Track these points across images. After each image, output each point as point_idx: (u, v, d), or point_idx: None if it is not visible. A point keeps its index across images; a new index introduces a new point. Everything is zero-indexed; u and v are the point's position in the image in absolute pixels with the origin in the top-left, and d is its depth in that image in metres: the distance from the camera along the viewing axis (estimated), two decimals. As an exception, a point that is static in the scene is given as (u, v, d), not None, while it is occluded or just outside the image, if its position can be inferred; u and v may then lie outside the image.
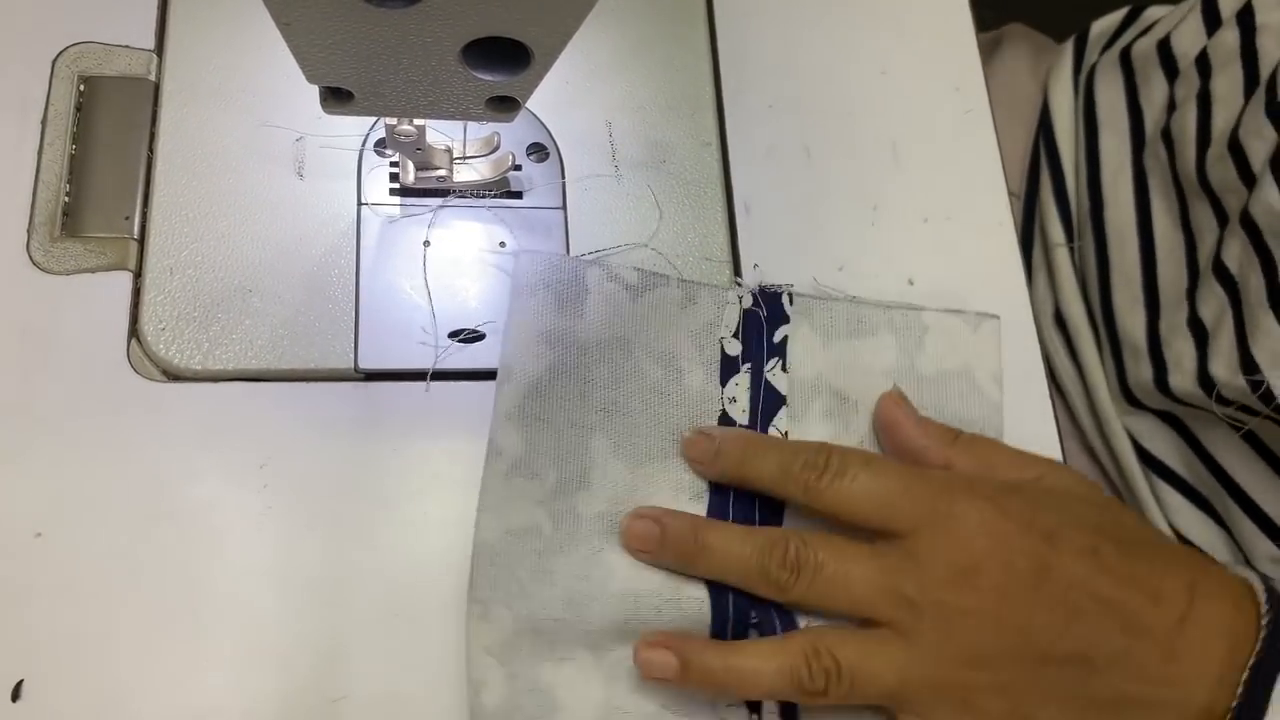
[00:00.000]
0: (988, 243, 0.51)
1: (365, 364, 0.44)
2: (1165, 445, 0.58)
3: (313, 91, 0.36)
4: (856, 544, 0.40)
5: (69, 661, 0.39)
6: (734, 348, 0.46)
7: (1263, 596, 0.39)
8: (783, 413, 0.45)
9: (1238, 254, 0.51)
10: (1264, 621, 0.38)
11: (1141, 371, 0.57)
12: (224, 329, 0.43)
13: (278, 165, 0.46)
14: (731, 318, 0.46)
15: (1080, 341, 0.62)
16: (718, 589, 0.41)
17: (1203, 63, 0.57)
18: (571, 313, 0.44)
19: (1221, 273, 0.52)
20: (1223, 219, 0.54)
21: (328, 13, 0.30)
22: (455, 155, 0.45)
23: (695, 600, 0.41)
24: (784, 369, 0.46)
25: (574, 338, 0.44)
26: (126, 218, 0.45)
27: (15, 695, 0.38)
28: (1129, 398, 0.59)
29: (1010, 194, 0.63)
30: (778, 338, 0.46)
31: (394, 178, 0.47)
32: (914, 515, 0.40)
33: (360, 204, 0.46)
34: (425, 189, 0.47)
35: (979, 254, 0.51)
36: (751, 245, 0.49)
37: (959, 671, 0.39)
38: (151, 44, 0.48)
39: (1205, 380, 0.51)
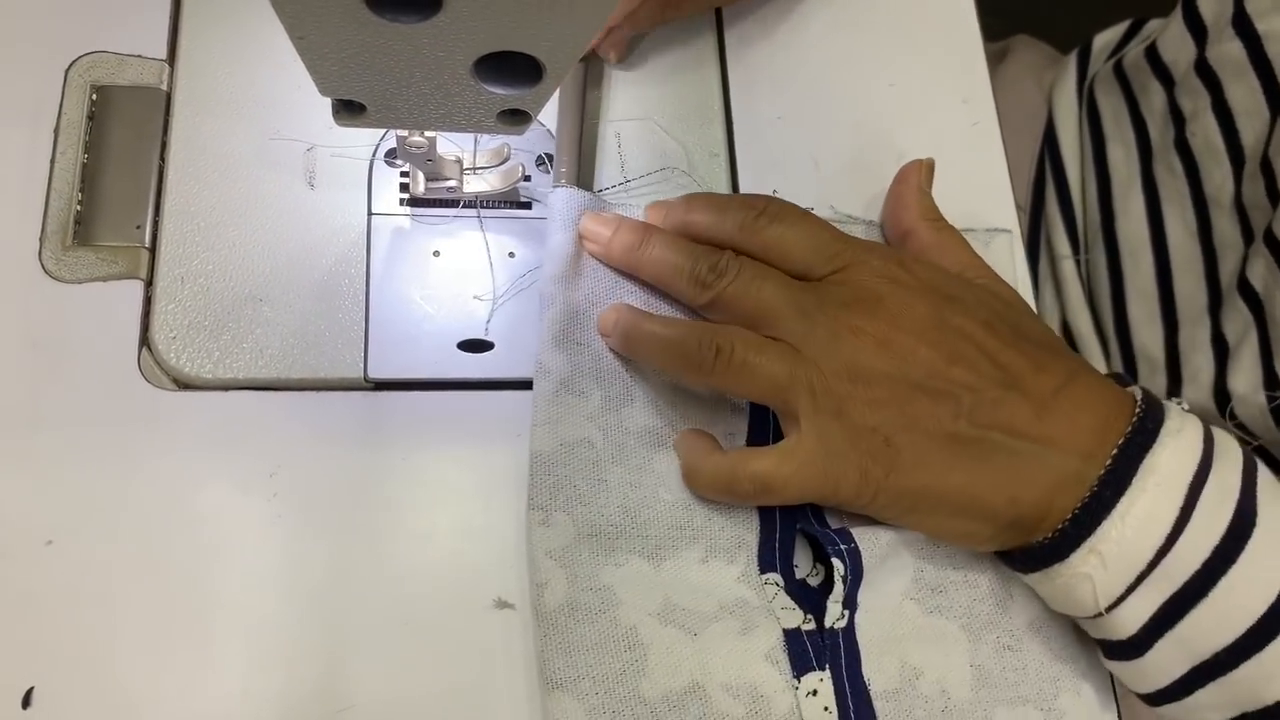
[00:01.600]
0: (994, 255, 0.51)
1: (375, 373, 0.44)
2: None
3: (323, 101, 0.36)
4: (778, 271, 0.43)
5: (78, 669, 0.39)
6: None
7: (1139, 393, 0.41)
8: None
9: (1262, 272, 0.52)
10: (1139, 409, 0.40)
11: (1155, 384, 0.57)
12: (234, 338, 0.44)
13: (289, 175, 0.47)
14: None
15: (1087, 354, 0.62)
16: None
17: (1205, 72, 0.57)
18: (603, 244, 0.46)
19: (1246, 290, 0.52)
20: (1248, 236, 0.54)
21: (342, 27, 0.30)
22: (465, 166, 0.45)
23: (743, 509, 0.44)
24: None
25: (605, 273, 0.45)
26: (138, 227, 0.45)
27: (25, 702, 0.38)
28: None
29: (1016, 206, 0.63)
30: None
31: (404, 188, 0.47)
32: (836, 262, 0.43)
33: (370, 214, 0.47)
34: (435, 199, 0.47)
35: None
36: (759, 256, 0.49)
37: (838, 381, 0.40)
38: (164, 54, 0.48)
39: (1221, 394, 0.51)
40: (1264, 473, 0.40)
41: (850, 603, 0.42)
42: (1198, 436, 0.40)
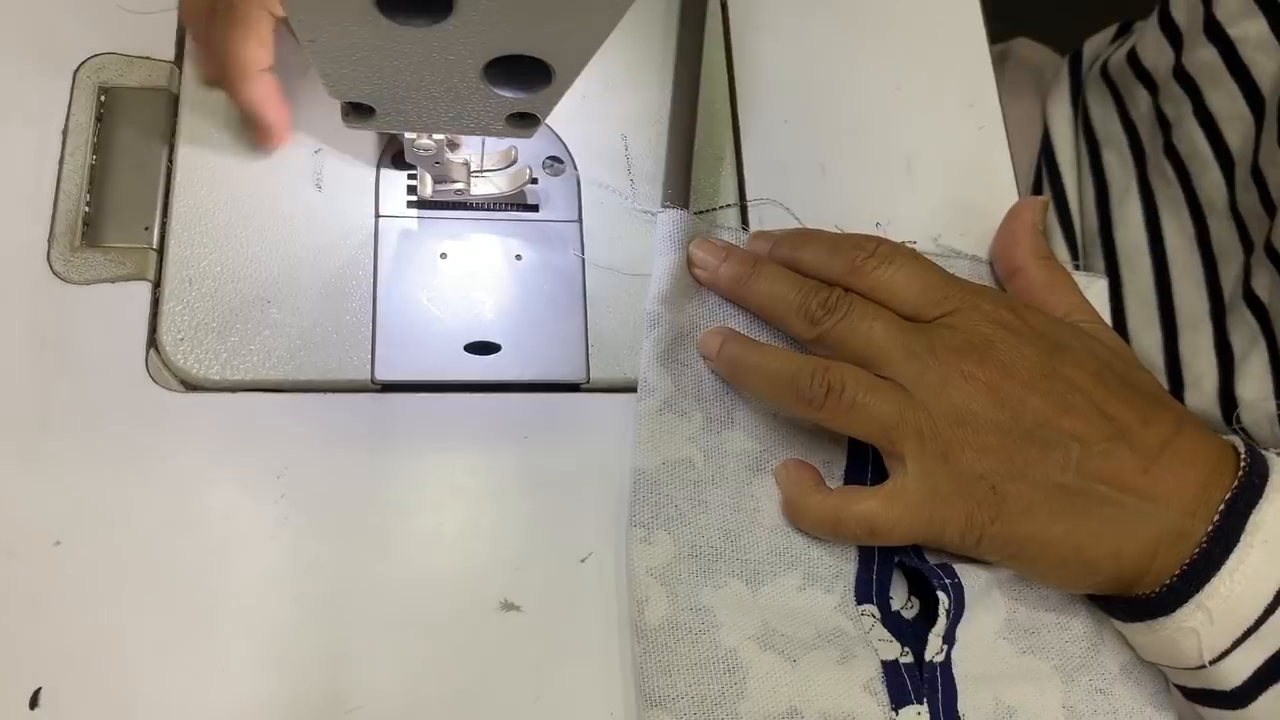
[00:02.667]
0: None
1: (382, 375, 0.44)
2: None
3: (331, 103, 0.36)
4: (889, 312, 0.43)
5: (86, 670, 0.39)
6: None
7: (1243, 450, 0.41)
8: None
9: (1267, 284, 0.52)
10: (1243, 464, 0.40)
11: None
12: (242, 339, 0.44)
13: (296, 177, 0.47)
14: None
15: None
16: None
17: (1184, 79, 0.57)
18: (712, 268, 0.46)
19: (1252, 300, 0.52)
20: (1246, 242, 0.54)
21: (353, 31, 0.30)
22: (473, 169, 0.45)
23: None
24: None
25: (711, 295, 0.46)
26: (146, 228, 0.45)
27: (33, 703, 0.38)
28: None
29: None
30: None
31: (411, 190, 0.47)
32: (946, 305, 0.43)
33: (378, 216, 0.47)
34: (443, 201, 0.47)
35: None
36: (766, 260, 0.49)
37: (947, 426, 0.41)
38: (171, 55, 0.48)
39: (1227, 400, 0.51)
40: None
41: (950, 638, 0.42)
42: None
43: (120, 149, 0.46)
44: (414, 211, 0.47)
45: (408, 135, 0.41)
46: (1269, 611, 0.38)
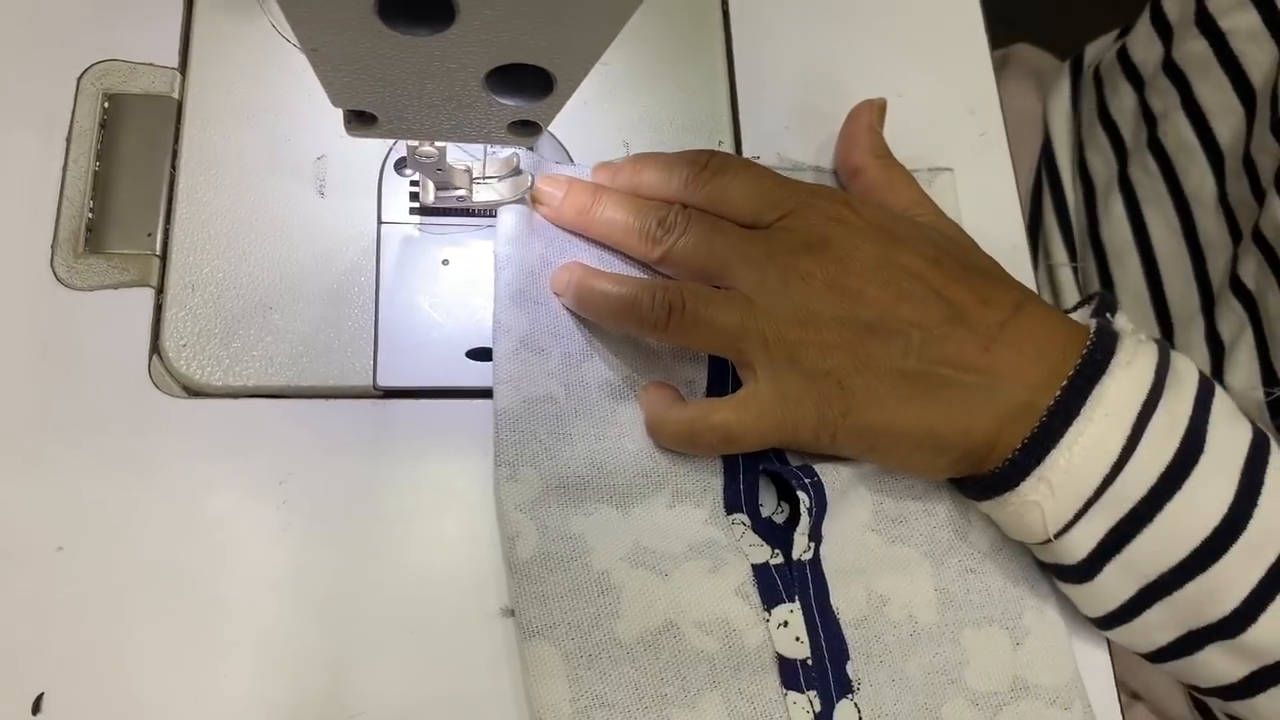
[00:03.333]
0: (1002, 263, 0.51)
1: (384, 381, 0.44)
2: None
3: (334, 109, 0.36)
4: (726, 220, 0.44)
5: (89, 675, 0.39)
6: None
7: (1092, 325, 0.42)
8: None
9: (1254, 271, 0.52)
10: (1090, 341, 0.41)
11: None
12: (245, 346, 0.44)
13: (299, 183, 0.47)
14: None
15: None
16: None
17: (1173, 72, 0.58)
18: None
19: (1239, 289, 0.52)
20: (1236, 234, 0.54)
21: (354, 39, 0.30)
22: (475, 176, 0.46)
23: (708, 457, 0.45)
24: None
25: (554, 231, 0.46)
26: (149, 234, 0.45)
27: (36, 708, 0.39)
28: None
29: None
30: None
31: (414, 196, 0.47)
32: (783, 207, 0.43)
33: (380, 222, 0.47)
34: (445, 208, 0.47)
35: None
36: (767, 266, 0.49)
37: (790, 328, 0.41)
38: (175, 62, 0.48)
39: None
40: (1221, 398, 0.41)
41: (815, 535, 0.43)
42: (1150, 366, 0.41)
43: (124, 155, 0.47)
44: (416, 218, 0.47)
45: (409, 142, 0.42)
46: (1107, 482, 0.40)
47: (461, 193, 0.46)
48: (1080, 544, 0.41)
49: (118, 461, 0.42)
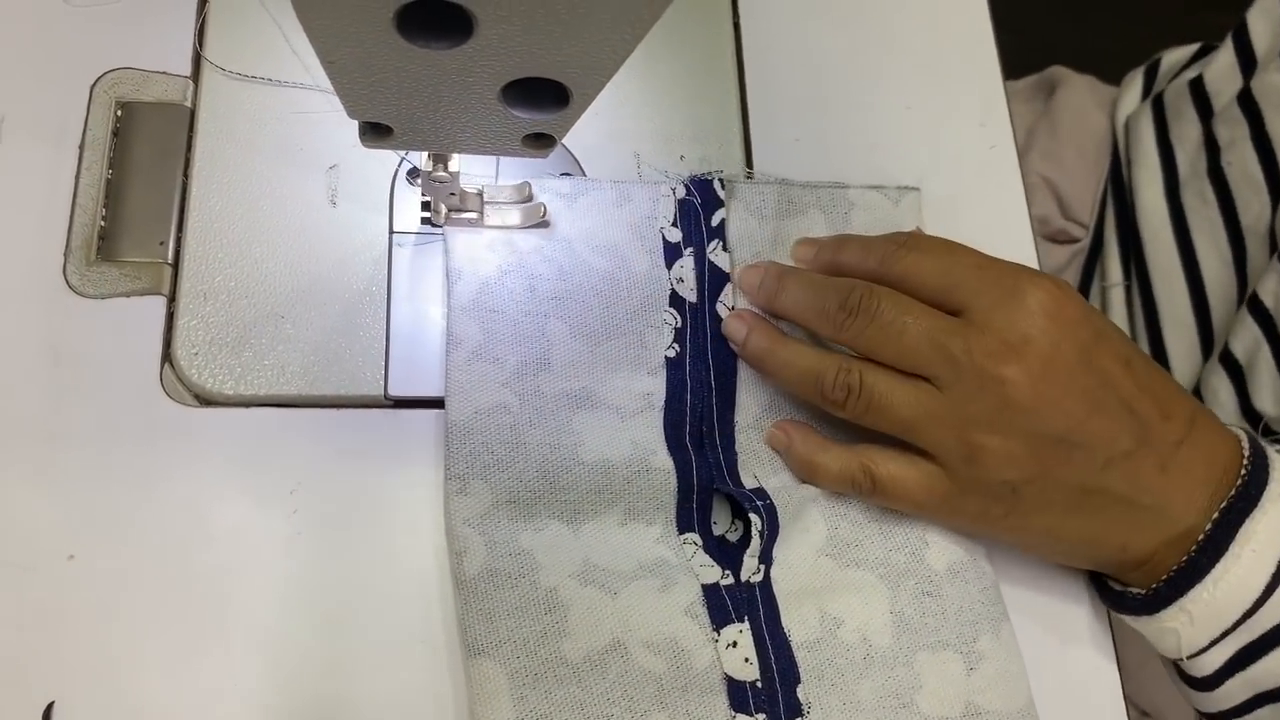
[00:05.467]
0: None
1: (395, 391, 0.44)
2: None
3: (346, 119, 0.36)
4: (919, 303, 0.42)
5: (99, 683, 0.39)
6: (674, 235, 0.48)
7: (1248, 449, 0.42)
8: (728, 288, 0.47)
9: (1274, 289, 0.51)
10: (1244, 468, 0.41)
11: None
12: (256, 355, 0.44)
13: (311, 192, 0.47)
14: (668, 208, 0.48)
15: None
16: (683, 459, 0.45)
17: (1248, 103, 0.57)
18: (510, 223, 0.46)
19: (1256, 308, 0.52)
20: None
21: (373, 52, 0.30)
22: (487, 199, 0.46)
23: (662, 472, 0.44)
24: (724, 249, 0.48)
25: (515, 242, 0.46)
26: (161, 243, 0.45)
27: (46, 717, 0.39)
28: None
29: (1083, 227, 0.63)
30: (715, 221, 0.48)
31: (425, 205, 0.47)
32: (978, 289, 0.41)
33: (392, 232, 0.47)
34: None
35: None
36: (777, 277, 0.49)
37: (976, 431, 0.40)
38: (189, 71, 0.48)
39: (1250, 415, 0.51)
40: None
41: (766, 557, 0.43)
42: None
43: (136, 164, 0.47)
44: (428, 228, 0.47)
45: (423, 167, 0.42)
46: (1247, 615, 0.40)
47: (473, 215, 0.46)
48: (1209, 664, 0.42)
49: (129, 470, 0.42)
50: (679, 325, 0.47)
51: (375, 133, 0.37)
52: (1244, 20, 0.62)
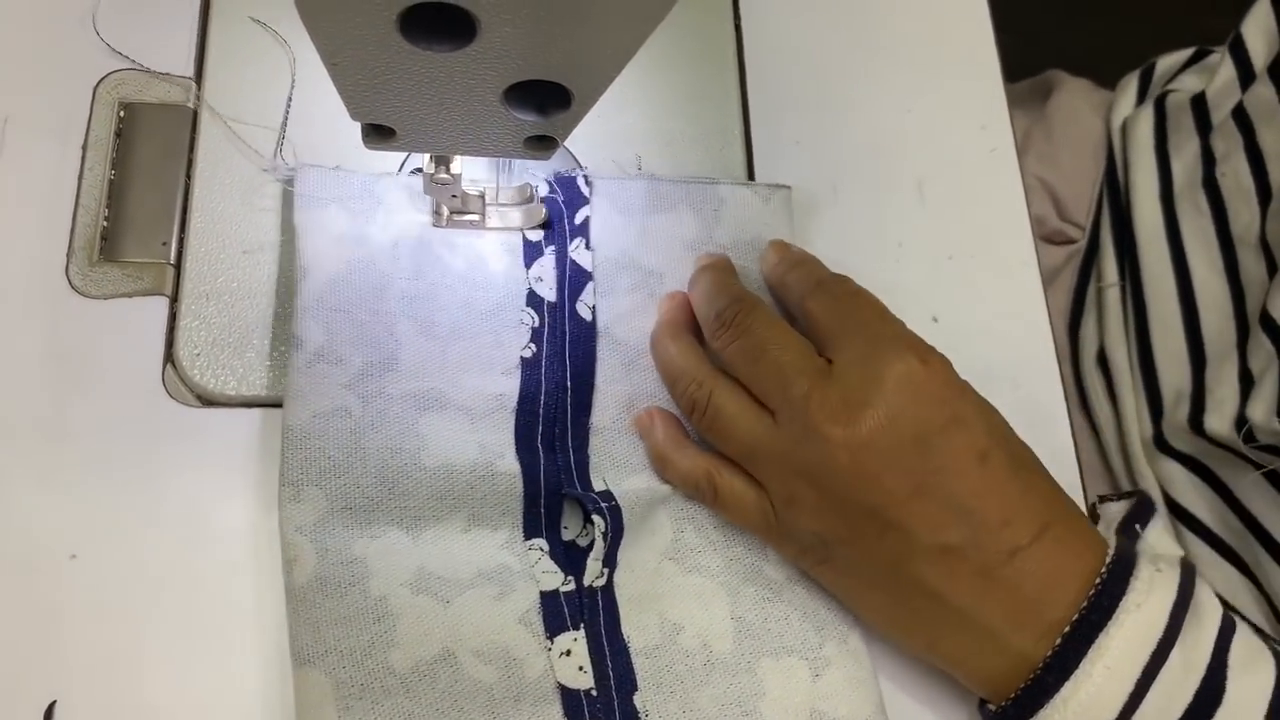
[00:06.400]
0: (1012, 282, 0.51)
1: (396, 392, 0.44)
2: (1195, 495, 0.58)
3: (348, 120, 0.36)
4: (794, 335, 0.42)
5: (101, 683, 0.39)
6: (535, 234, 0.47)
7: (1111, 554, 0.39)
8: (589, 288, 0.46)
9: None
10: (1099, 577, 0.38)
11: (1178, 414, 0.57)
12: (258, 355, 0.44)
13: (313, 194, 0.47)
14: None
15: (1120, 384, 0.62)
16: (531, 463, 0.43)
17: (1241, 117, 0.57)
18: (363, 220, 0.45)
19: (1269, 324, 0.52)
20: (1272, 270, 0.54)
21: (376, 54, 0.31)
22: (488, 201, 0.46)
23: (507, 476, 0.43)
24: (588, 247, 0.47)
25: (368, 238, 0.45)
26: (164, 243, 0.46)
27: (48, 716, 0.39)
28: (1160, 442, 0.59)
29: (1079, 228, 0.63)
30: (579, 219, 0.47)
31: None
32: (851, 344, 0.41)
33: (393, 233, 0.47)
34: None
35: (1003, 293, 0.51)
36: (778, 280, 0.49)
37: (796, 480, 0.40)
38: (191, 72, 0.49)
39: (1242, 423, 0.52)
40: (1242, 636, 0.38)
41: (610, 560, 0.42)
42: (1165, 604, 0.37)
43: (139, 165, 0.47)
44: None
45: (425, 169, 0.42)
46: None
47: (475, 217, 0.46)
48: None
49: (131, 470, 0.42)
50: (536, 325, 0.45)
51: (378, 134, 0.37)
52: (1239, 34, 0.62)
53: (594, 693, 0.40)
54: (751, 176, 0.51)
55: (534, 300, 0.46)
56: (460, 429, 0.43)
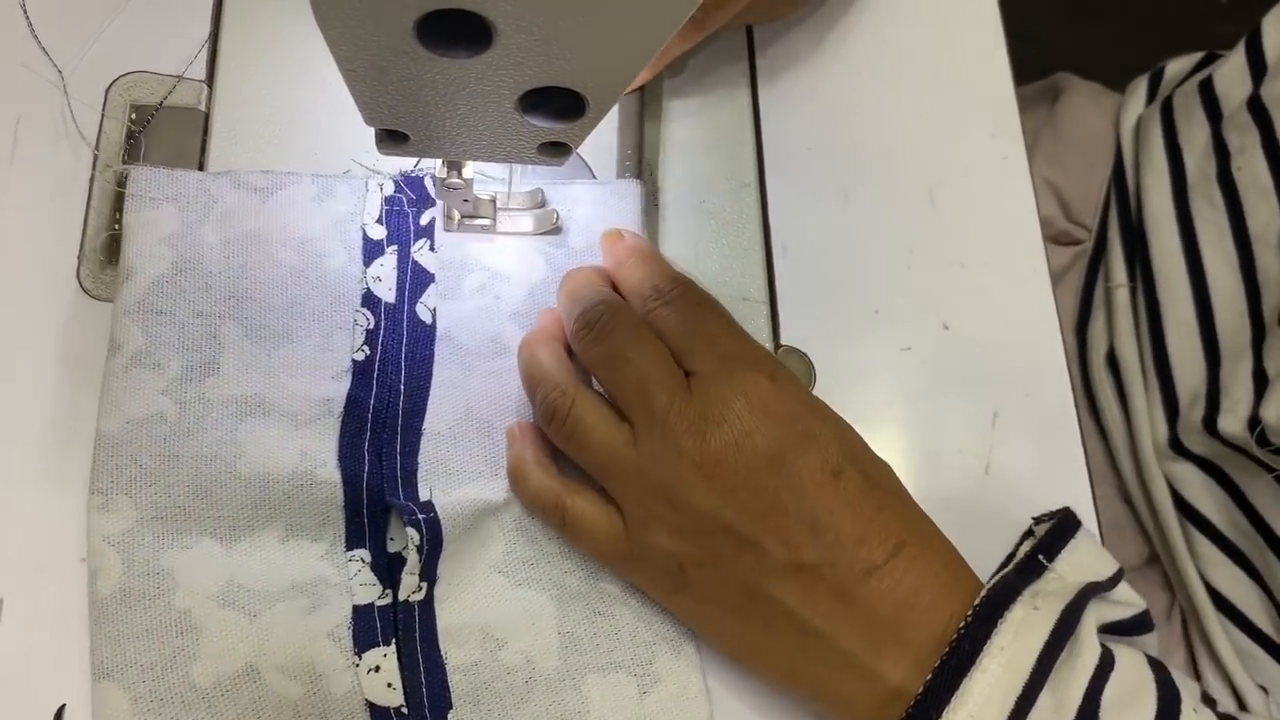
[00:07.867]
0: (1023, 289, 0.51)
1: (406, 397, 0.44)
2: (1206, 496, 0.58)
3: (360, 123, 0.36)
4: (660, 346, 0.41)
5: (110, 686, 0.39)
6: (377, 232, 0.45)
7: (982, 594, 0.37)
8: (432, 289, 0.45)
9: None
10: (965, 618, 0.37)
11: (1193, 414, 0.56)
12: (268, 359, 0.44)
13: (324, 197, 0.47)
14: (374, 205, 0.46)
15: (1130, 385, 0.62)
16: (354, 471, 0.42)
17: (1257, 109, 0.57)
18: (197, 220, 0.44)
19: None
20: None
21: (392, 61, 0.31)
22: (500, 206, 0.46)
23: (328, 485, 0.42)
24: (432, 249, 0.46)
25: (199, 238, 0.44)
26: (175, 246, 0.46)
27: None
28: (1174, 443, 0.59)
29: (1086, 229, 0.62)
30: (424, 220, 0.46)
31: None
32: (705, 359, 0.40)
33: (404, 238, 0.47)
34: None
35: (1014, 300, 0.51)
36: (789, 286, 0.49)
37: (654, 498, 0.39)
38: (203, 75, 0.49)
39: (1255, 424, 0.51)
40: (1120, 676, 0.36)
41: (429, 574, 0.41)
42: (1034, 647, 0.36)
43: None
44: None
45: (437, 173, 0.42)
46: None
47: (486, 222, 0.46)
48: None
49: (141, 473, 0.42)
50: (371, 326, 0.44)
51: (391, 139, 0.37)
52: (1259, 26, 0.62)
53: (404, 710, 0.39)
54: (763, 182, 0.51)
55: (370, 301, 0.44)
56: (281, 435, 0.42)
